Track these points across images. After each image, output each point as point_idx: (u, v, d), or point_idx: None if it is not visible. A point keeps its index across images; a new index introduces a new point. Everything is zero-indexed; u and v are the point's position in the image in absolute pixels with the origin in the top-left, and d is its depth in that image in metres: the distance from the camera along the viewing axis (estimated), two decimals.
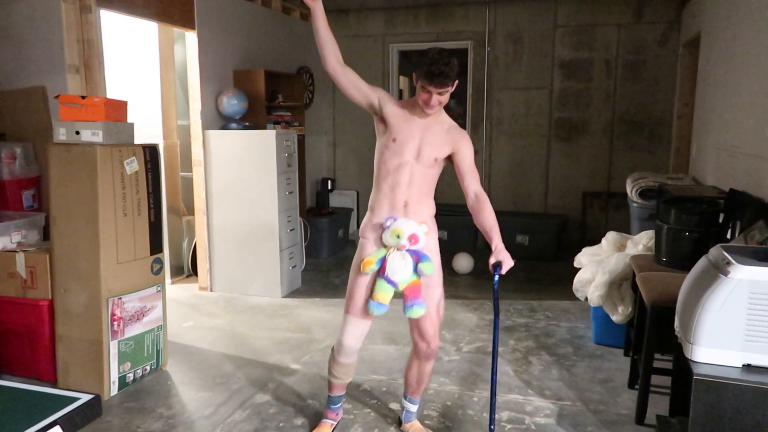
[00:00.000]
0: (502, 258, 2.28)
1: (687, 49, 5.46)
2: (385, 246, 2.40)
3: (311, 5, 2.34)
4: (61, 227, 3.00)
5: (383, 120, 2.44)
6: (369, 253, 2.43)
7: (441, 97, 2.32)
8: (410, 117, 2.42)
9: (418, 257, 2.38)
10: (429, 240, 2.44)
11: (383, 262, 2.37)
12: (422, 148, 2.40)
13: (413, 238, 2.35)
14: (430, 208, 2.52)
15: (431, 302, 2.47)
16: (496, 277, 2.28)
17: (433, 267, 2.41)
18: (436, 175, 2.49)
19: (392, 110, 2.43)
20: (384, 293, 2.36)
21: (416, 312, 2.38)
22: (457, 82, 2.34)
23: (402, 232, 2.34)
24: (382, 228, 2.41)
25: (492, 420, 2.36)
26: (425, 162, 2.41)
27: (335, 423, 2.72)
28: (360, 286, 2.45)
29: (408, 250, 2.36)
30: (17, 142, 3.69)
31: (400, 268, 2.34)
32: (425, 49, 2.36)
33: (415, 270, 2.37)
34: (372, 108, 2.45)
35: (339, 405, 2.73)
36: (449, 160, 2.47)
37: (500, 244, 2.31)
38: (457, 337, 3.87)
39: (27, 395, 1.47)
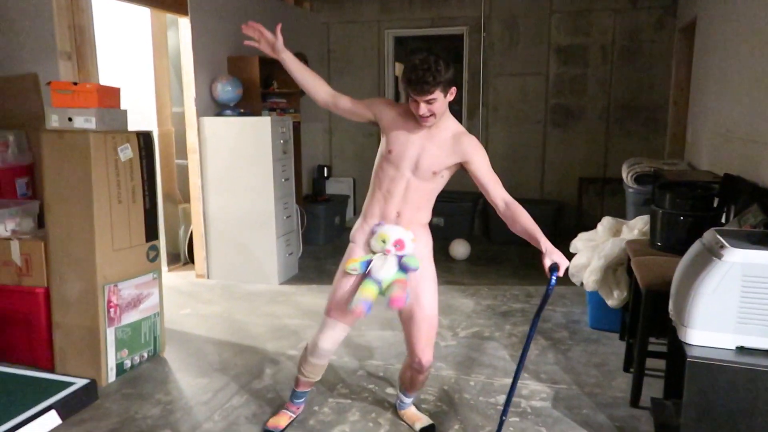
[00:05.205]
0: (557, 259, 2.11)
1: (682, 34, 5.44)
2: (372, 252, 2.34)
3: (277, 57, 2.37)
4: (55, 215, 2.99)
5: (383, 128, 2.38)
6: (356, 256, 2.37)
7: (430, 106, 2.13)
8: (410, 126, 2.28)
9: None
10: (420, 247, 2.35)
11: (368, 266, 2.30)
12: (420, 161, 2.26)
13: (399, 244, 2.28)
14: (425, 217, 2.41)
15: (425, 296, 2.36)
16: (553, 280, 2.11)
17: (417, 261, 2.30)
18: (435, 190, 2.36)
19: (391, 119, 2.33)
20: (368, 290, 2.27)
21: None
22: (453, 89, 2.17)
23: (387, 237, 2.29)
24: (372, 233, 2.35)
25: (505, 411, 2.29)
26: (422, 175, 2.28)
27: (294, 416, 2.68)
28: (343, 288, 2.37)
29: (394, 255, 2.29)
30: (9, 129, 3.66)
31: (384, 267, 2.28)
32: (414, 57, 2.18)
33: (401, 269, 2.30)
34: (373, 122, 2.41)
35: (302, 400, 2.69)
36: (462, 168, 2.31)
37: (550, 245, 2.14)
38: (453, 323, 3.88)
39: (21, 380, 1.47)
